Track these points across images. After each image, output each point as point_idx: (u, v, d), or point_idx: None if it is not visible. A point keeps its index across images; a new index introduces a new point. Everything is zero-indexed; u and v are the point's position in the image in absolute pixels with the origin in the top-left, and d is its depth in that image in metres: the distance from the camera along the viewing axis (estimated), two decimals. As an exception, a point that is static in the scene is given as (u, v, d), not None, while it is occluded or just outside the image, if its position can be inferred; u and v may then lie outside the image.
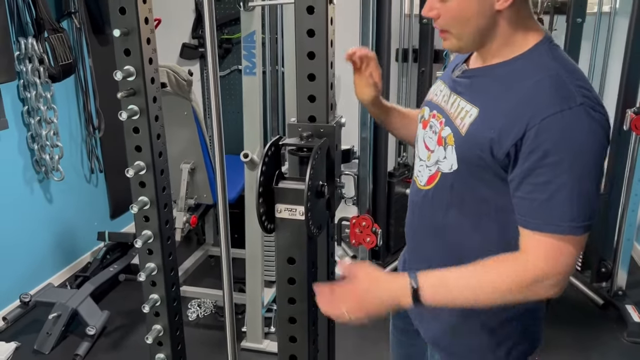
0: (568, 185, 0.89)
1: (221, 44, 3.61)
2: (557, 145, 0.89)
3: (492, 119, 0.97)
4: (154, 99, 1.34)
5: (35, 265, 2.90)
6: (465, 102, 1.03)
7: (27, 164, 2.82)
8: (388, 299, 0.99)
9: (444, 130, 1.06)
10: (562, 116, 0.89)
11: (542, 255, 0.92)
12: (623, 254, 2.67)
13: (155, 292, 1.48)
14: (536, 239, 0.93)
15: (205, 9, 1.25)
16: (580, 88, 0.92)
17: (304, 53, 1.20)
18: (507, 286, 0.93)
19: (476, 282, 0.95)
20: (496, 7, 0.96)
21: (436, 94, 1.15)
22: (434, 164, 1.09)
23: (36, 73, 2.66)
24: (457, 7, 0.98)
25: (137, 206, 1.37)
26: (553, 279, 0.92)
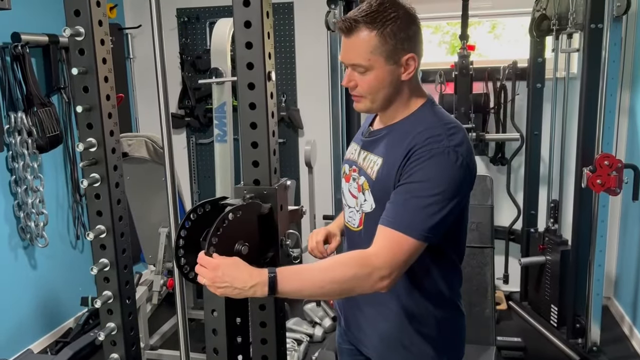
0: (420, 200, 1.13)
1: (206, 114, 3.81)
2: (422, 171, 1.14)
3: (391, 162, 1.21)
4: (115, 167, 1.46)
5: (16, 331, 2.93)
6: (373, 155, 1.28)
7: (13, 231, 2.91)
8: (244, 281, 1.08)
9: (360, 179, 1.30)
10: (429, 152, 1.14)
11: (384, 247, 1.14)
12: (594, 310, 2.71)
13: (115, 352, 1.53)
14: (385, 232, 1.15)
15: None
16: (450, 135, 1.17)
17: (247, 124, 1.32)
18: (347, 276, 1.11)
19: (323, 272, 1.13)
20: (402, 78, 1.22)
21: (352, 153, 1.38)
22: (360, 207, 1.31)
23: (25, 144, 2.81)
24: (373, 79, 1.21)
25: (97, 267, 1.45)
26: (386, 270, 1.11)
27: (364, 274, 1.11)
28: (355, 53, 1.20)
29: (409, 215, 1.14)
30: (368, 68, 1.19)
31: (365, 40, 1.17)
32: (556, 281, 3.00)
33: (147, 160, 2.58)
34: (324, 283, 1.12)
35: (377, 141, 1.28)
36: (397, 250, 1.13)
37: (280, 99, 3.64)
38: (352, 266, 1.13)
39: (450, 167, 1.14)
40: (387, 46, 1.17)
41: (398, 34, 1.17)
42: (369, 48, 1.17)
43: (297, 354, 2.85)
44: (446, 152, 1.14)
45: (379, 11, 1.17)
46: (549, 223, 3.14)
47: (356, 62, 1.20)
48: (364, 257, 1.14)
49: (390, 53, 1.18)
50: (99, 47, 1.35)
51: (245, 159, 1.35)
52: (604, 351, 2.76)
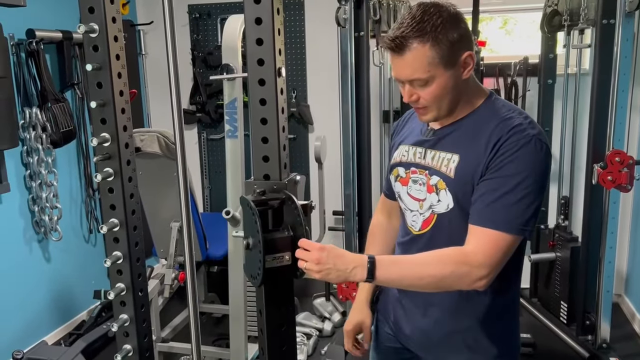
0: (513, 195, 1.11)
1: (217, 109, 3.84)
2: (513, 164, 1.12)
3: (471, 158, 1.18)
4: (128, 162, 1.48)
5: (31, 324, 2.99)
6: (445, 152, 1.23)
7: (28, 225, 2.96)
8: (346, 264, 1.12)
9: (432, 179, 1.25)
10: (517, 144, 1.12)
11: (481, 245, 1.12)
12: (604, 306, 2.70)
13: (128, 343, 1.56)
14: (480, 232, 1.13)
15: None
16: (530, 123, 1.16)
17: (258, 119, 1.34)
18: (444, 273, 1.12)
19: (422, 266, 1.15)
20: (463, 77, 1.18)
21: (404, 156, 1.33)
22: (428, 209, 1.27)
23: (39, 140, 2.86)
24: (436, 88, 1.17)
25: (111, 260, 1.48)
26: (485, 270, 1.11)
27: (462, 272, 1.12)
28: (411, 69, 1.16)
29: (505, 211, 1.12)
30: (429, 80, 1.16)
31: (421, 54, 1.13)
32: (566, 278, 3.00)
33: (159, 156, 2.61)
34: (423, 275, 1.14)
35: (443, 139, 1.25)
36: (495, 248, 1.12)
37: (290, 94, 3.66)
38: (449, 263, 1.13)
39: (537, 156, 1.12)
40: (443, 53, 1.13)
41: (451, 37, 1.13)
42: (426, 60, 1.14)
43: (306, 348, 2.88)
44: (532, 141, 1.12)
45: (425, 20, 1.13)
46: (559, 220, 3.13)
47: (415, 77, 1.16)
48: (461, 255, 1.13)
49: (448, 58, 1.14)
50: (112, 44, 1.38)
51: (255, 154, 1.37)
52: (614, 348, 2.75)
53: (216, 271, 3.40)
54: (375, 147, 3.26)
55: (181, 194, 1.64)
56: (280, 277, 1.25)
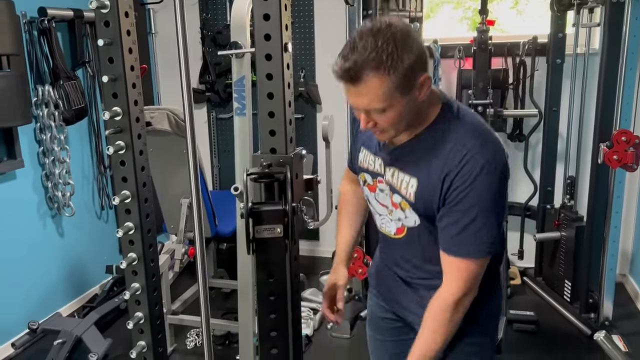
0: (475, 224, 1.15)
1: (225, 89, 3.86)
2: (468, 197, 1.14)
3: (428, 185, 1.19)
4: (139, 135, 1.53)
5: (45, 296, 3.07)
6: (404, 174, 1.23)
7: (41, 201, 3.03)
8: None
9: (394, 197, 1.27)
10: (469, 176, 1.13)
11: (455, 278, 1.19)
12: (607, 285, 2.73)
13: (139, 311, 1.63)
14: (451, 261, 1.19)
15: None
16: (482, 145, 1.14)
17: (265, 94, 1.38)
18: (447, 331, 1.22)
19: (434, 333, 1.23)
20: (419, 99, 1.15)
21: (370, 164, 1.34)
22: (397, 220, 1.31)
23: (51, 117, 2.91)
24: (394, 115, 1.14)
25: (123, 231, 1.54)
26: (466, 297, 1.20)
27: (454, 315, 1.20)
28: (367, 100, 1.12)
29: (470, 240, 1.16)
30: (386, 108, 1.12)
31: (377, 85, 1.08)
32: (570, 257, 3.02)
33: (169, 133, 2.65)
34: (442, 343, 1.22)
35: (402, 157, 1.24)
36: (468, 275, 1.18)
37: (298, 74, 3.68)
38: (444, 322, 1.20)
39: (494, 182, 1.13)
40: (399, 81, 1.08)
41: (406, 63, 1.07)
42: (382, 90, 1.09)
43: (312, 322, 2.94)
44: (485, 169, 1.12)
45: (379, 47, 1.06)
46: (565, 199, 3.15)
47: (371, 108, 1.13)
48: (446, 305, 1.20)
49: (405, 85, 1.10)
50: (123, 19, 1.41)
51: (262, 128, 1.40)
52: (616, 326, 2.79)
53: (225, 248, 3.46)
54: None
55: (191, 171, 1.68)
56: (272, 248, 1.29)
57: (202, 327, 1.59)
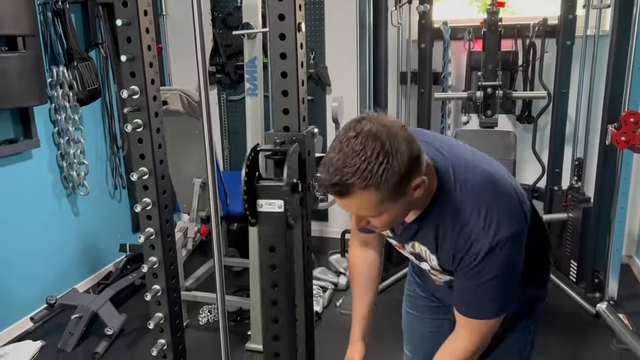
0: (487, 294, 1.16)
1: (236, 70, 3.89)
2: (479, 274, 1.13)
3: (445, 258, 1.20)
4: (156, 114, 1.57)
5: (62, 273, 3.16)
6: (424, 247, 1.24)
7: (57, 180, 3.10)
8: None
9: (423, 265, 1.31)
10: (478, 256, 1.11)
11: (469, 337, 1.23)
12: (613, 265, 2.76)
13: (157, 284, 1.68)
14: (465, 321, 1.22)
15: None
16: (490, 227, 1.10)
17: (278, 73, 1.41)
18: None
19: None
20: (414, 197, 1.07)
21: (388, 234, 1.33)
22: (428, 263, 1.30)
23: (66, 97, 2.96)
24: (388, 218, 1.10)
25: (141, 206, 1.59)
26: (479, 351, 1.25)
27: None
28: (357, 209, 1.08)
29: (482, 306, 1.18)
30: (378, 215, 1.08)
31: (367, 199, 1.02)
32: (577, 238, 3.06)
33: (182, 114, 2.69)
34: None
35: (415, 234, 1.23)
36: (482, 333, 1.21)
37: (308, 55, 3.70)
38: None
39: (503, 256, 1.10)
40: (391, 191, 1.01)
41: (398, 171, 0.99)
42: (373, 203, 1.03)
43: (322, 300, 3.01)
44: (491, 248, 1.10)
45: (368, 160, 0.97)
46: (572, 181, 3.17)
47: (363, 215, 1.11)
48: (457, 357, 1.24)
49: (397, 193, 1.03)
50: (140, 0, 1.44)
51: (276, 107, 1.44)
52: (621, 305, 2.83)
53: (235, 228, 3.53)
54: (392, 108, 3.30)
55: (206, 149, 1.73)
56: (274, 223, 1.32)
57: (217, 302, 1.63)
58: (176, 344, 1.72)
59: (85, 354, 2.69)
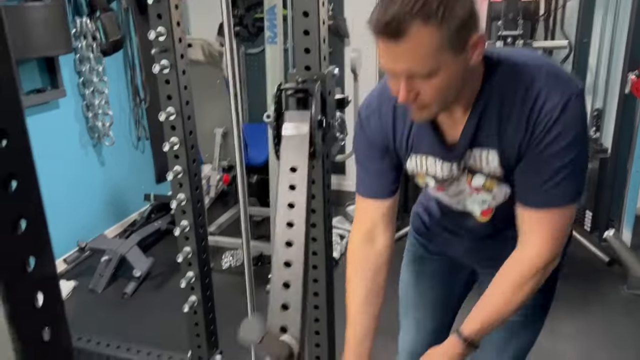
0: (574, 160, 0.99)
1: (254, 23, 3.90)
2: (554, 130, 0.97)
3: (509, 146, 1.03)
4: (182, 55, 1.62)
5: (90, 219, 3.29)
6: (480, 150, 1.06)
7: (83, 130, 3.20)
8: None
9: (475, 180, 1.11)
10: (552, 109, 0.96)
11: (540, 238, 1.05)
12: (628, 214, 2.80)
13: (185, 219, 1.77)
14: (538, 216, 1.04)
15: None
16: (550, 76, 0.97)
17: (300, 12, 1.45)
18: (528, 290, 1.08)
19: (506, 305, 1.09)
20: (471, 62, 0.96)
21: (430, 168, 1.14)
22: (481, 203, 1.16)
23: (90, 48, 3.02)
24: (442, 81, 0.94)
25: (169, 145, 1.66)
26: (552, 259, 1.07)
27: (538, 279, 1.07)
28: (412, 59, 0.92)
29: (560, 186, 1.00)
30: (433, 71, 0.92)
31: (424, 41, 0.89)
32: (593, 188, 3.08)
33: (203, 63, 2.75)
34: (512, 315, 1.11)
35: (473, 134, 1.05)
36: (559, 229, 1.05)
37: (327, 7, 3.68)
38: (527, 284, 1.07)
39: (578, 115, 0.97)
40: (451, 36, 0.89)
41: (459, 14, 0.89)
42: (432, 47, 0.89)
43: (339, 247, 3.11)
44: (565, 102, 0.95)
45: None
46: (591, 132, 3.18)
47: (416, 70, 0.93)
48: (532, 267, 1.06)
49: (457, 42, 0.91)
50: (166, -58, 1.48)
51: (297, 46, 1.49)
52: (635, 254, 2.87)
53: (255, 180, 3.62)
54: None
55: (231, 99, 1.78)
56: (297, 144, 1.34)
57: (242, 244, 1.70)
58: (203, 277, 1.83)
59: (114, 294, 2.84)
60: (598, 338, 2.40)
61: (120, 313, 2.72)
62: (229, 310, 1.88)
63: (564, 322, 2.51)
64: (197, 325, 1.86)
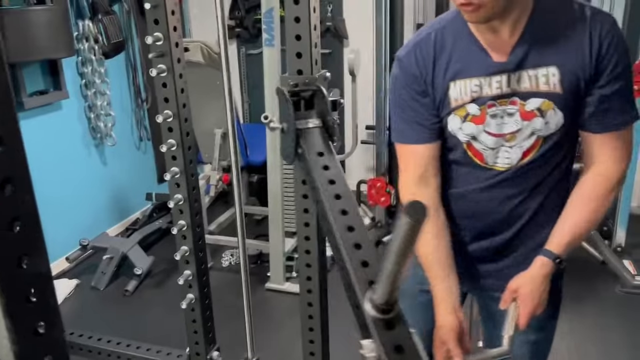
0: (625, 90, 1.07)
1: (255, 24, 3.95)
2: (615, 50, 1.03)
3: (571, 67, 1.04)
4: (178, 59, 1.67)
5: (93, 218, 3.35)
6: (537, 68, 1.05)
7: (85, 130, 3.25)
8: (547, 284, 1.12)
9: (528, 104, 1.08)
10: (612, 33, 1.03)
11: (613, 157, 1.10)
12: (622, 213, 2.83)
13: (182, 219, 1.82)
14: (607, 140, 1.09)
15: None
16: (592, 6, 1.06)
17: (292, 18, 1.49)
18: (606, 203, 1.11)
19: (588, 220, 1.11)
20: None
21: (474, 91, 1.10)
22: (528, 137, 1.11)
23: (92, 50, 3.08)
24: None
25: (166, 146, 1.71)
26: (624, 173, 1.12)
27: (617, 193, 1.13)
28: None
29: (627, 105, 1.07)
30: None
31: None
32: (588, 188, 3.11)
33: (203, 65, 2.79)
34: (594, 227, 1.14)
35: (525, 57, 1.05)
36: (629, 146, 1.11)
37: (326, 8, 3.73)
38: (609, 196, 1.11)
39: (623, 37, 1.05)
40: None
41: None
42: None
43: (337, 245, 3.15)
44: (616, 25, 1.04)
45: None
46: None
47: None
48: (610, 182, 1.10)
49: None
50: (162, -51, 1.52)
51: (289, 51, 1.53)
52: (628, 252, 2.91)
53: (255, 180, 3.67)
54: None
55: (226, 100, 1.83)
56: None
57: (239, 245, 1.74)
58: (201, 275, 1.87)
59: (116, 292, 2.89)
60: (592, 336, 2.44)
61: (122, 310, 2.77)
62: (227, 308, 1.93)
63: (559, 319, 2.54)
64: (194, 322, 1.91)
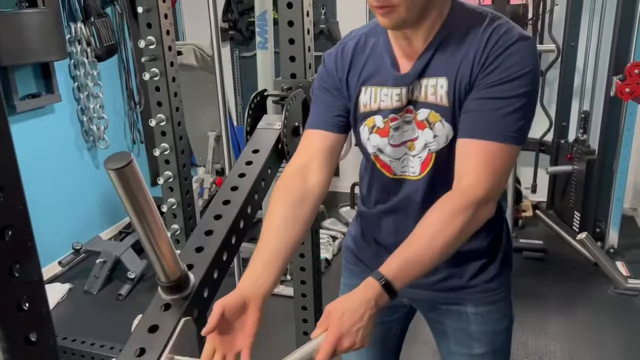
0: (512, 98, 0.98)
1: (248, 27, 3.95)
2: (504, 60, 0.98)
3: (460, 72, 1.01)
4: (171, 63, 1.67)
5: (85, 222, 3.33)
6: (429, 78, 1.04)
7: (78, 133, 3.24)
8: (367, 309, 0.90)
9: (419, 114, 1.05)
10: (506, 40, 0.98)
11: (474, 169, 0.97)
12: (614, 214, 2.85)
13: (175, 223, 1.82)
14: (472, 148, 0.99)
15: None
16: (507, 23, 1.01)
17: (285, 22, 1.49)
18: (456, 230, 0.95)
19: (433, 248, 0.95)
20: None
21: (382, 101, 1.08)
22: (423, 149, 1.08)
23: (84, 53, 3.07)
24: None
25: (159, 150, 1.71)
26: (489, 196, 0.97)
27: (471, 216, 0.95)
28: None
29: (502, 120, 0.97)
30: None
31: None
32: (581, 189, 3.13)
33: (196, 68, 2.79)
34: (437, 256, 0.95)
35: (427, 64, 1.04)
36: (499, 164, 0.98)
37: (319, 11, 3.73)
38: (457, 218, 0.95)
39: (530, 56, 0.98)
40: None
41: None
42: None
43: (332, 248, 3.15)
44: (521, 40, 0.98)
45: None
46: (578, 134, 3.23)
47: None
48: (462, 199, 0.96)
49: None
50: (155, -47, 1.52)
51: (283, 55, 1.53)
52: (622, 254, 2.93)
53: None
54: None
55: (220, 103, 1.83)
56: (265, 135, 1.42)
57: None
58: (194, 279, 1.86)
59: (109, 296, 2.88)
60: (584, 337, 2.45)
61: (115, 314, 2.75)
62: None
63: (551, 321, 2.56)
64: (188, 325, 1.91)
